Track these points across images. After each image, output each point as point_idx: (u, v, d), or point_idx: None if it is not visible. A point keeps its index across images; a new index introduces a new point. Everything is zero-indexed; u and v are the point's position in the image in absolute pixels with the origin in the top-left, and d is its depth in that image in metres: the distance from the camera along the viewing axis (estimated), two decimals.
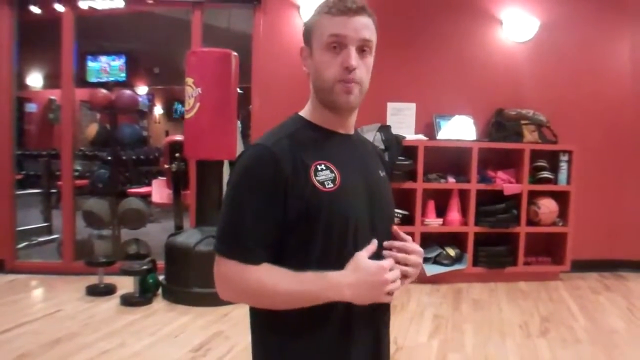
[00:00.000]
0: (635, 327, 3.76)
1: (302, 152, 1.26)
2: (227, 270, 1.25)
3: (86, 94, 5.79)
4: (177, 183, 5.51)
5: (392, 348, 3.17)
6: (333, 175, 1.28)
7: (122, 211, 5.17)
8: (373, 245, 1.29)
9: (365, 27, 1.27)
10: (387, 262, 1.26)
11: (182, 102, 11.18)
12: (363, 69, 1.28)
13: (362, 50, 1.28)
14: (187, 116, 4.05)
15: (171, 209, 5.99)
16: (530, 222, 4.81)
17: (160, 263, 4.23)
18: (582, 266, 5.13)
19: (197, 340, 3.27)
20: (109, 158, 5.95)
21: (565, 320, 3.87)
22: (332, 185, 1.26)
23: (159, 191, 6.11)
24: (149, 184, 6.97)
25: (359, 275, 1.24)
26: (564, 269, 4.90)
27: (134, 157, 7.81)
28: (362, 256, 1.26)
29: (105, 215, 5.20)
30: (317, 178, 1.25)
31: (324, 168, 1.27)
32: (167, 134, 9.92)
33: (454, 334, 3.53)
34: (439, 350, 3.26)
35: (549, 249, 5.03)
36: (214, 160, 4.16)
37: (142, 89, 10.66)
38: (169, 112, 11.52)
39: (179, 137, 6.30)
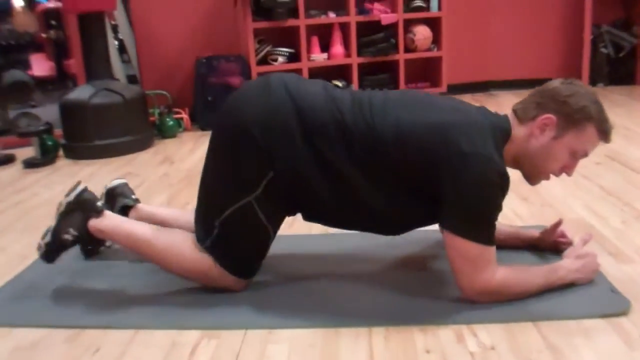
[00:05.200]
0: None
1: None
2: (490, 254, 1.55)
3: None
4: (59, 51, 5.38)
5: None
6: None
7: (7, 84, 4.98)
8: (588, 236, 1.73)
9: None
10: (595, 252, 1.69)
11: None
12: None
13: None
14: None
15: (52, 92, 5.80)
16: (407, 50, 5.14)
17: (57, 131, 4.23)
18: (458, 89, 5.63)
19: (108, 181, 3.41)
20: None
21: None
22: None
23: (39, 65, 5.88)
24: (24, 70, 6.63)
25: (584, 262, 1.64)
26: (441, 91, 5.35)
27: (2, 43, 7.30)
28: (581, 247, 1.69)
29: None
30: None
31: None
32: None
33: None
34: None
35: (426, 74, 5.46)
36: (96, 12, 4.06)
37: None
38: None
39: (51, 4, 5.99)
